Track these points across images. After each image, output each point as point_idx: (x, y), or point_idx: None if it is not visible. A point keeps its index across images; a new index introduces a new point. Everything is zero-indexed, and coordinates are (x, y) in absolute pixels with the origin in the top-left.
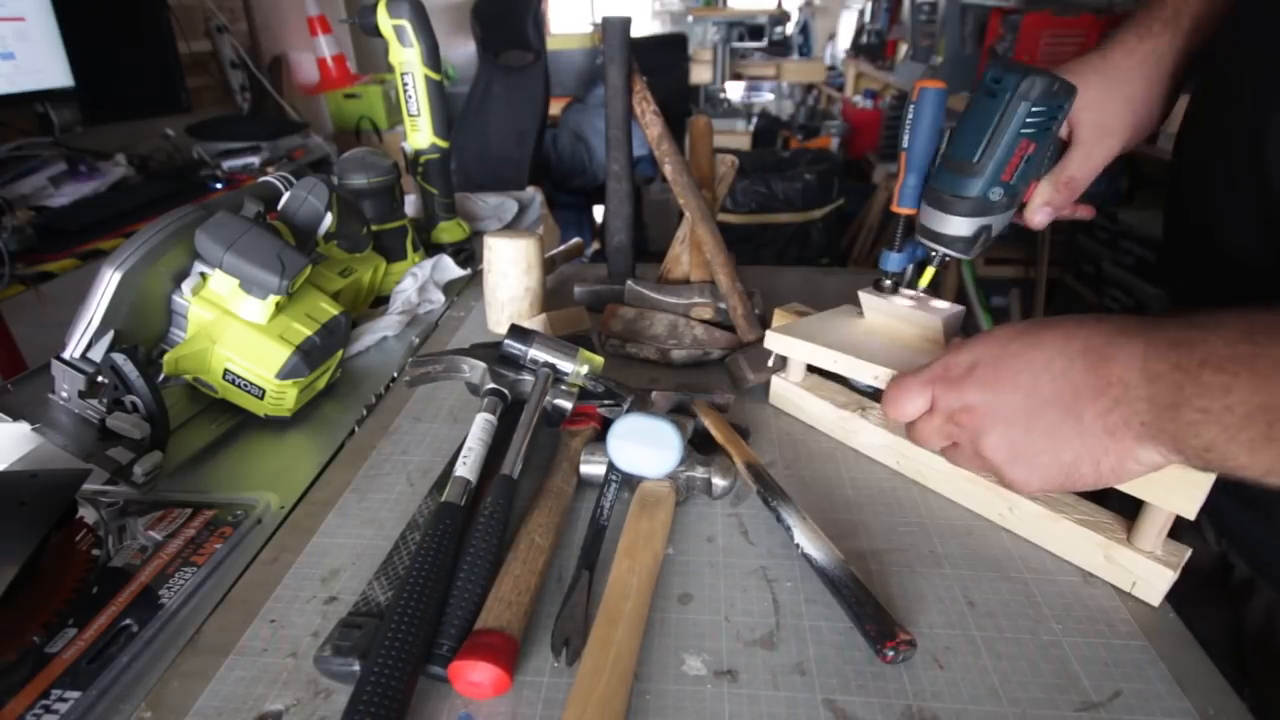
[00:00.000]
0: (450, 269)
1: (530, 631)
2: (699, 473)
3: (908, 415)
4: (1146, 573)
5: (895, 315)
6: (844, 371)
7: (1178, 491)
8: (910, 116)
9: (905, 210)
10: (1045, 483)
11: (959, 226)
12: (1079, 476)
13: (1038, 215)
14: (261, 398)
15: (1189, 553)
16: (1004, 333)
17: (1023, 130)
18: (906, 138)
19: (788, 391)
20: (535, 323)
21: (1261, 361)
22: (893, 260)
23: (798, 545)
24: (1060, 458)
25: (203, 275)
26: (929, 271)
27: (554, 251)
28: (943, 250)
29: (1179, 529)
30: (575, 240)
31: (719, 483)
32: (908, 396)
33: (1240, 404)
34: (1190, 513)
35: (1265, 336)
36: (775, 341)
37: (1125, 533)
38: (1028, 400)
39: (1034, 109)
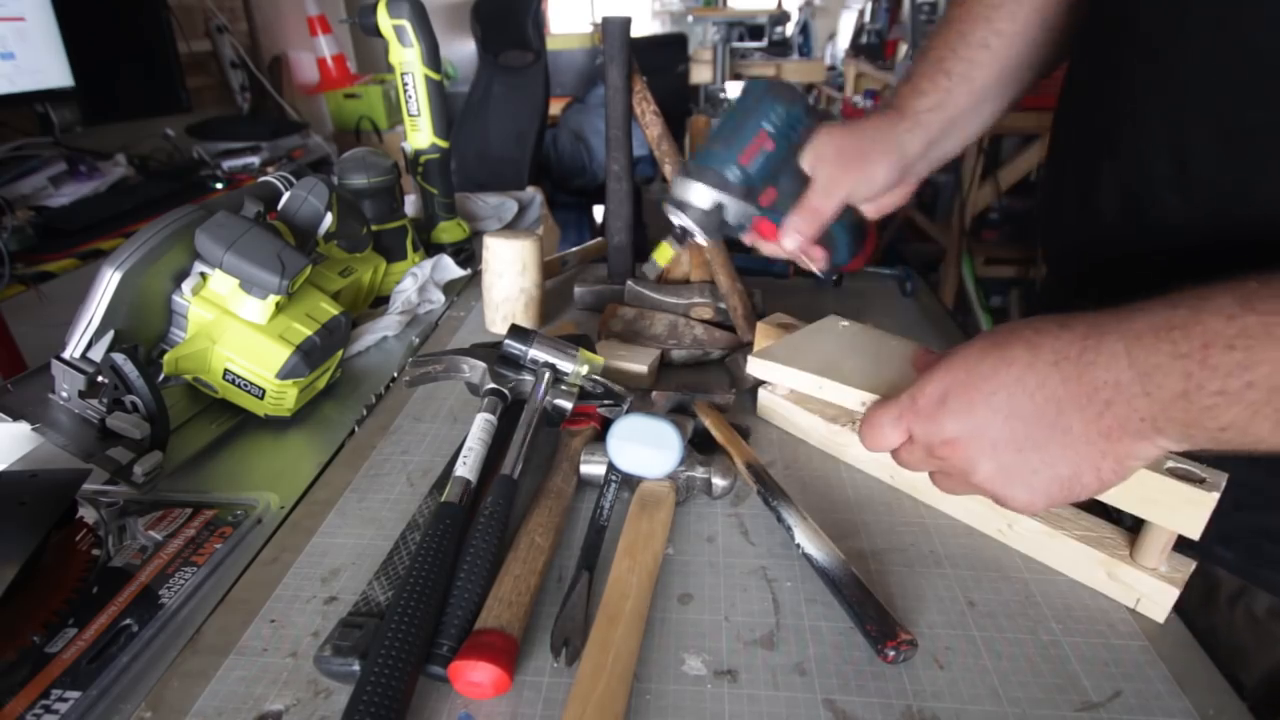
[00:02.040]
0: (450, 269)
1: (530, 631)
2: (699, 473)
3: (886, 448)
4: (1151, 590)
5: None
6: (829, 398)
7: (1180, 512)
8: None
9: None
10: (1049, 500)
11: (698, 194)
12: (1080, 487)
13: (786, 238)
14: (261, 398)
15: (1194, 566)
16: (969, 353)
17: (763, 124)
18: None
19: (775, 404)
20: None
21: (1277, 329)
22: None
23: (798, 545)
24: (1059, 473)
25: (203, 275)
26: (662, 247)
27: (570, 251)
28: (684, 221)
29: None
30: (597, 240)
31: (719, 483)
32: (881, 431)
33: (1264, 378)
34: (1195, 533)
35: (1265, 304)
36: (756, 367)
37: (1128, 548)
38: (1010, 422)
39: (772, 110)
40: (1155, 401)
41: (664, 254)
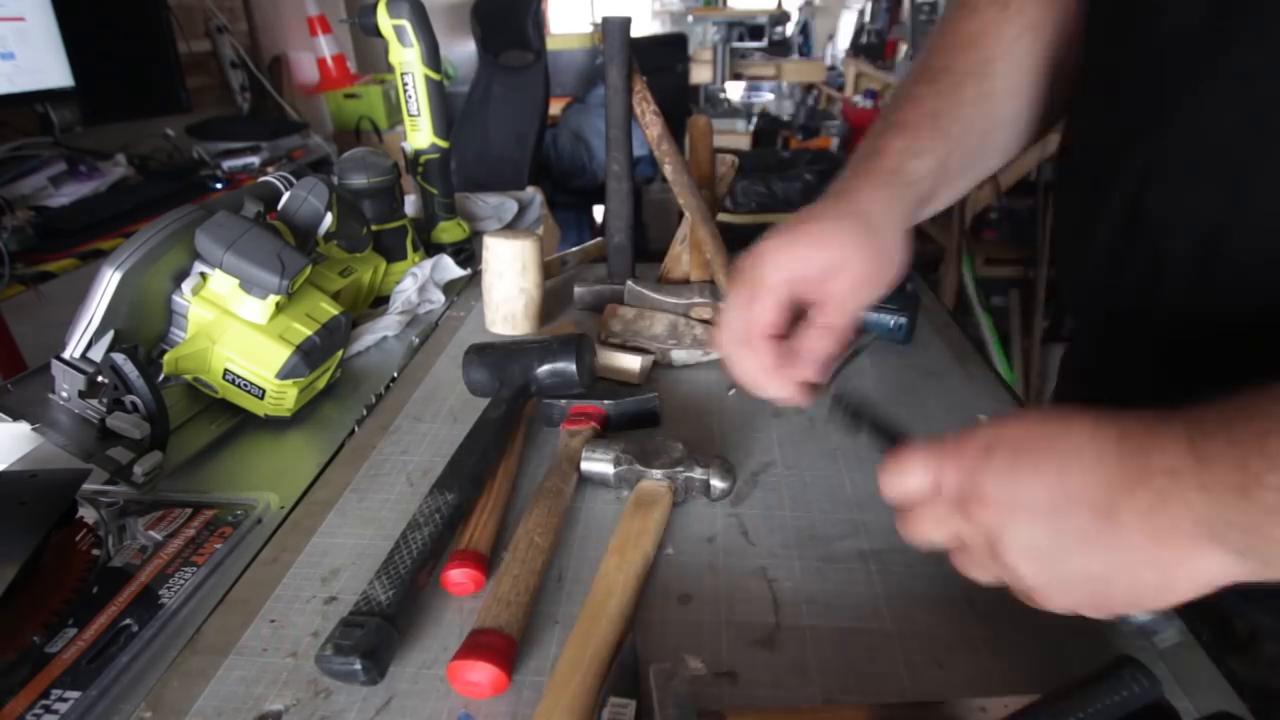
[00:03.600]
0: (450, 269)
1: (530, 632)
2: (697, 474)
3: (905, 493)
4: None
5: None
6: None
7: None
8: None
9: None
10: (1074, 602)
11: None
12: (1111, 596)
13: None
14: (261, 398)
15: None
16: (1029, 416)
17: None
18: None
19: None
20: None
21: None
22: None
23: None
24: (1091, 570)
25: (203, 275)
26: None
27: (570, 251)
28: None
29: None
30: (597, 240)
31: (717, 484)
32: (908, 470)
33: None
34: None
35: None
36: None
37: None
38: (1053, 494)
39: None
40: (1211, 497)
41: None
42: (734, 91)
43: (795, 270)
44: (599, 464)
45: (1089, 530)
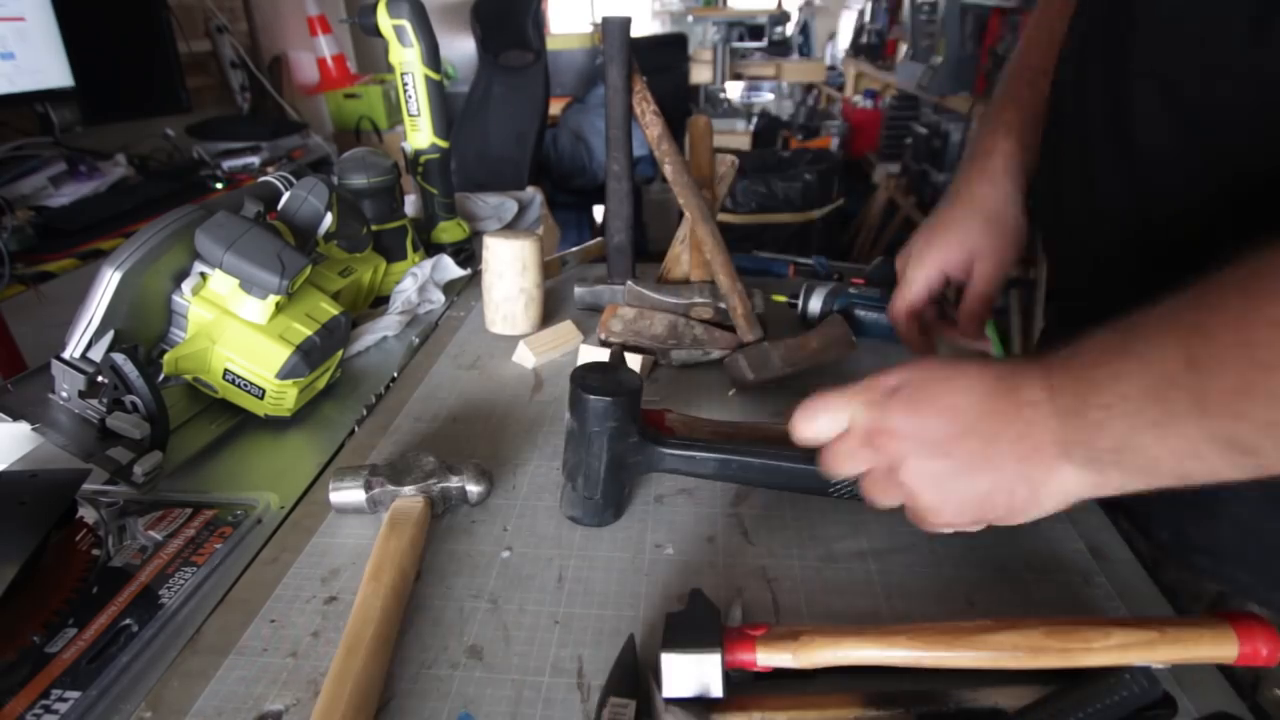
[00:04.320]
0: (450, 269)
1: (529, 631)
2: (453, 483)
3: (822, 436)
4: None
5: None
6: None
7: None
8: None
9: None
10: (959, 516)
11: None
12: (991, 507)
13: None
14: (261, 398)
15: None
16: (928, 362)
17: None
18: None
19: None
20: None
21: (1136, 344)
22: None
23: None
24: (977, 488)
25: (203, 275)
26: None
27: (570, 251)
28: None
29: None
30: (597, 240)
31: (473, 489)
32: (825, 414)
33: (1134, 388)
34: None
35: (1131, 330)
36: None
37: None
38: (950, 426)
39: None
40: (1060, 418)
41: None
42: (734, 91)
43: (940, 265)
44: (347, 493)
45: (975, 456)
